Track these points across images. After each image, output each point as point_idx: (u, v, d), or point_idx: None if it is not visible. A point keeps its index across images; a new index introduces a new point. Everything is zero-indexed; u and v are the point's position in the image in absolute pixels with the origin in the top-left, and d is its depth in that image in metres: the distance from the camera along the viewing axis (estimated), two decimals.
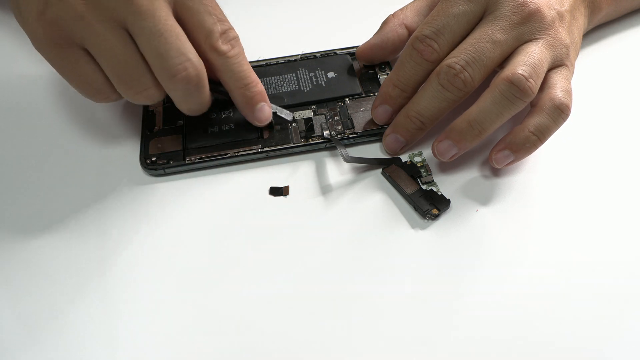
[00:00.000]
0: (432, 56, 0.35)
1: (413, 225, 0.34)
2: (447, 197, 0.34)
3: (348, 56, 0.42)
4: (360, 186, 0.36)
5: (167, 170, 0.37)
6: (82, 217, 0.35)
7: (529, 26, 0.34)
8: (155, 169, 0.36)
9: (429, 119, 0.36)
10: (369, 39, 0.40)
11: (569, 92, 0.34)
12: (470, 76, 0.34)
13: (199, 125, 0.38)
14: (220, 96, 0.36)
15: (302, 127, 0.38)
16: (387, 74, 0.41)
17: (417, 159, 0.36)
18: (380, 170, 0.36)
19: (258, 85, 0.35)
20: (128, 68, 0.32)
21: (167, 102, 0.40)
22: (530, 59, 0.33)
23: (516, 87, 0.32)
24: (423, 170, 0.36)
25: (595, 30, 0.44)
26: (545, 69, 0.34)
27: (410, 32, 0.39)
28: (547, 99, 0.34)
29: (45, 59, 0.32)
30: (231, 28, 0.34)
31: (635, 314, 0.30)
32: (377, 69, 0.42)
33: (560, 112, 0.33)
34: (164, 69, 0.32)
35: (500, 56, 0.34)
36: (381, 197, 0.35)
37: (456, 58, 0.34)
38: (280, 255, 0.33)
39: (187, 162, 0.36)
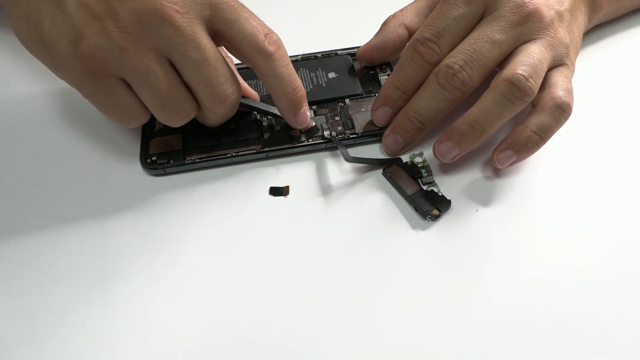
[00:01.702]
0: (432, 58, 0.35)
1: (414, 226, 0.34)
2: (448, 198, 0.34)
3: (349, 57, 0.42)
4: (361, 186, 0.36)
5: (168, 170, 0.37)
6: (82, 216, 0.35)
7: (528, 26, 0.34)
8: (156, 169, 0.36)
9: (428, 119, 0.36)
10: (369, 39, 0.40)
11: (570, 91, 0.34)
12: (468, 76, 0.34)
13: (200, 125, 0.38)
14: (244, 109, 0.37)
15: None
16: (388, 75, 0.41)
17: (417, 159, 0.36)
18: (380, 170, 0.36)
19: (302, 89, 0.35)
20: (174, 97, 0.32)
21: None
22: (530, 59, 0.33)
23: (516, 87, 0.32)
24: (424, 170, 0.36)
25: (595, 30, 0.44)
26: (545, 69, 0.34)
27: (410, 32, 0.39)
28: (549, 98, 0.34)
29: (78, 90, 0.32)
30: (272, 31, 0.33)
31: (637, 315, 0.30)
32: (377, 70, 0.42)
33: (562, 111, 0.33)
34: (213, 95, 0.32)
35: (499, 56, 0.34)
36: (382, 197, 0.35)
37: (455, 58, 0.34)
38: (280, 256, 0.33)
39: (187, 161, 0.36)
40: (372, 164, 0.36)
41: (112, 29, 0.29)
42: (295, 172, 0.37)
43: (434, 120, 0.36)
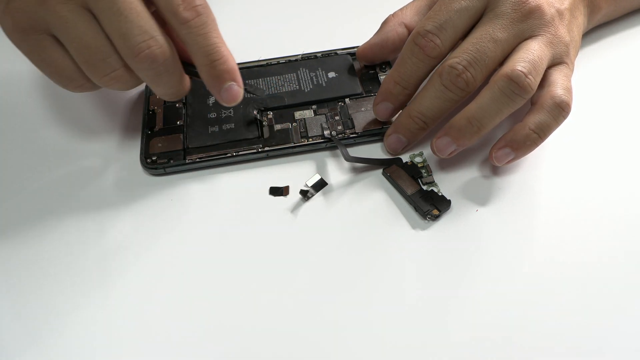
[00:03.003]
0: (433, 51, 0.35)
1: (414, 226, 0.34)
2: (448, 198, 0.34)
3: (349, 56, 0.42)
4: (361, 186, 0.36)
5: (168, 170, 0.37)
6: (82, 216, 0.35)
7: (529, 23, 0.34)
8: (156, 169, 0.36)
9: (431, 119, 0.36)
10: (369, 39, 0.40)
11: (569, 90, 0.34)
12: (472, 76, 0.34)
13: (200, 124, 0.38)
14: (198, 78, 0.33)
15: (303, 127, 0.38)
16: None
17: (417, 159, 0.36)
18: (380, 170, 0.36)
19: (228, 62, 0.32)
20: (93, 50, 0.30)
21: (168, 101, 0.40)
22: (530, 55, 0.33)
23: (515, 83, 0.32)
24: (424, 170, 0.36)
25: (595, 30, 0.44)
26: (544, 66, 0.34)
27: (410, 31, 0.39)
28: (548, 96, 0.34)
29: (18, 48, 0.31)
30: None
31: (637, 314, 0.30)
32: (377, 69, 0.42)
33: (561, 110, 0.33)
34: (127, 48, 0.30)
35: (502, 55, 0.34)
36: (382, 197, 0.35)
37: (458, 58, 0.34)
38: (280, 256, 0.33)
39: (187, 161, 0.36)
40: (372, 163, 0.36)
41: None
42: (295, 172, 0.37)
43: (436, 119, 0.36)
